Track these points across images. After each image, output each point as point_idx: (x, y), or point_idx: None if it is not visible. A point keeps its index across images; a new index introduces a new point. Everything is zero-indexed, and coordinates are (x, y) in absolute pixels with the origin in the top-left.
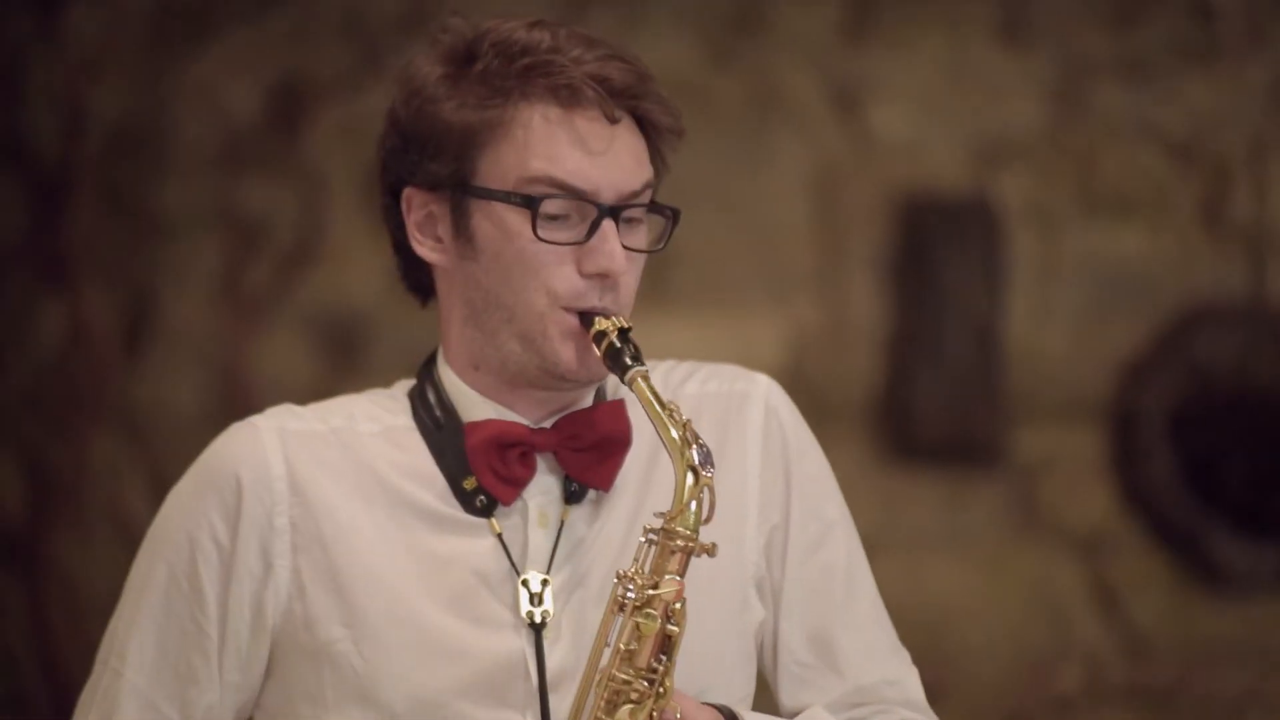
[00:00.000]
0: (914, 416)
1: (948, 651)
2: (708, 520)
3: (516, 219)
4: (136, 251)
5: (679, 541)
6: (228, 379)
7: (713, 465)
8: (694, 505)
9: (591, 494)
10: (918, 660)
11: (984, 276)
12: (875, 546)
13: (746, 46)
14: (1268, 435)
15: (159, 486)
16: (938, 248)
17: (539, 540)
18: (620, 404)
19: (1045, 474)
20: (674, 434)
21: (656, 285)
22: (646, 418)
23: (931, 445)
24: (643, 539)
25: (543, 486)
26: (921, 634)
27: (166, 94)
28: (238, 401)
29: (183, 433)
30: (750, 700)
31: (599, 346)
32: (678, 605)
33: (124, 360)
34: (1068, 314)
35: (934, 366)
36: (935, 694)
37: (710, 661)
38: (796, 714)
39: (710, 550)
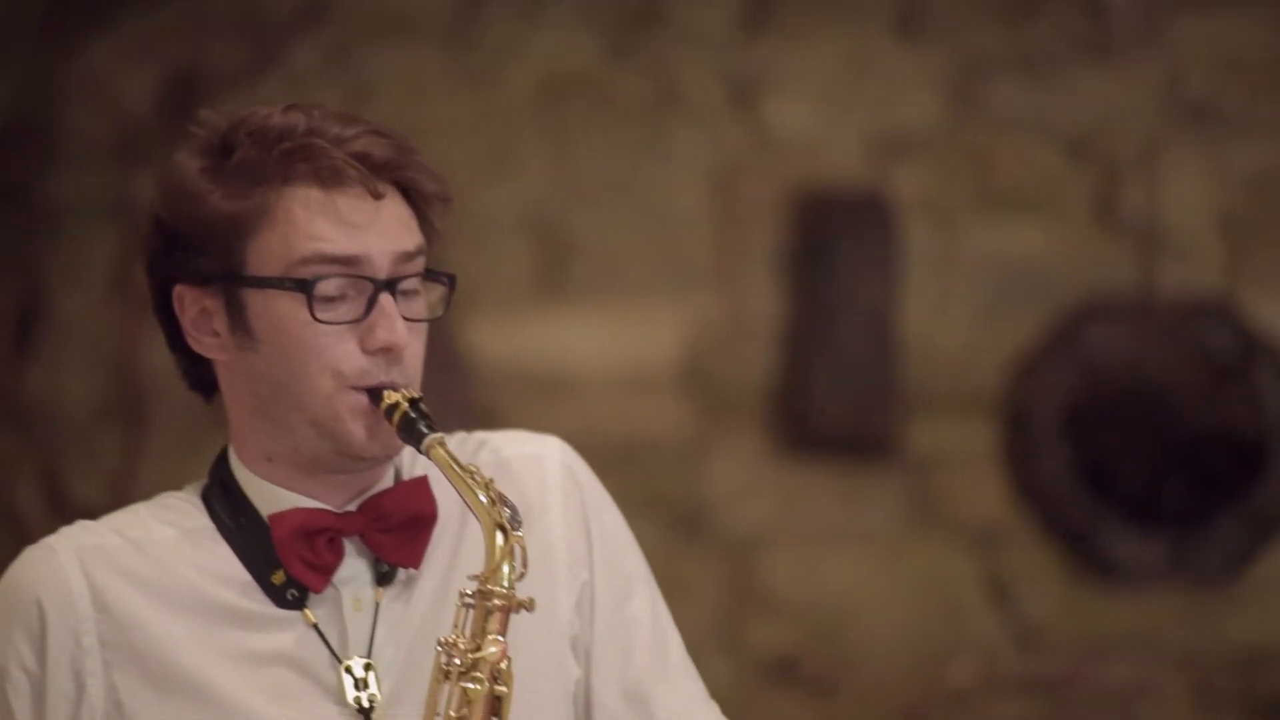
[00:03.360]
0: (810, 410)
1: (843, 645)
2: (521, 577)
3: (292, 304)
4: (27, 244)
5: (496, 600)
6: (119, 373)
7: (520, 521)
8: (506, 563)
9: (402, 574)
10: (815, 653)
11: (880, 271)
12: (772, 540)
13: (645, 41)
14: (1158, 429)
15: (49, 481)
16: (835, 242)
17: (357, 625)
18: (423, 480)
19: (940, 468)
20: (479, 495)
21: (555, 280)
22: (449, 488)
23: (828, 439)
24: (459, 604)
25: (352, 571)
26: (818, 627)
27: (58, 85)
28: (130, 396)
29: (74, 427)
30: None
31: (391, 420)
32: (503, 665)
33: (14, 354)
34: (963, 309)
35: (830, 361)
36: (830, 688)
37: None
38: None
39: (529, 605)
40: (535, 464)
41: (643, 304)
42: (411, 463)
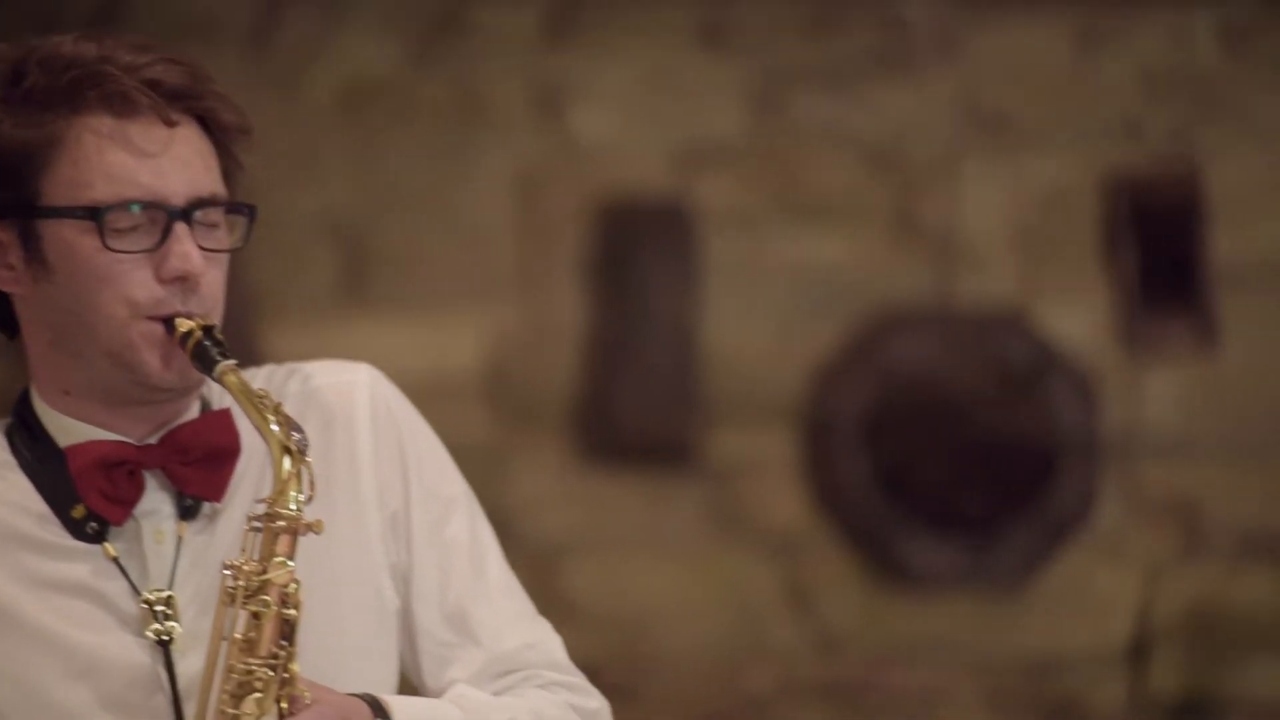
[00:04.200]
0: (613, 419)
1: (645, 653)
2: (310, 500)
3: (85, 234)
4: None
5: (282, 523)
6: None
7: (307, 444)
8: (293, 486)
9: (207, 507)
10: (615, 661)
11: (683, 280)
12: (574, 549)
13: (448, 49)
14: (955, 438)
15: None
16: (638, 251)
17: (158, 558)
18: (226, 413)
19: (741, 476)
20: (267, 419)
21: (358, 286)
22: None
23: (630, 447)
24: (247, 527)
25: (154, 504)
26: (619, 636)
27: None
28: None
29: None
30: (395, 690)
31: (185, 348)
32: (291, 588)
33: None
34: (765, 318)
35: (633, 369)
36: (632, 695)
37: (350, 656)
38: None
39: (317, 527)
40: (345, 392)
41: (445, 311)
42: (220, 397)
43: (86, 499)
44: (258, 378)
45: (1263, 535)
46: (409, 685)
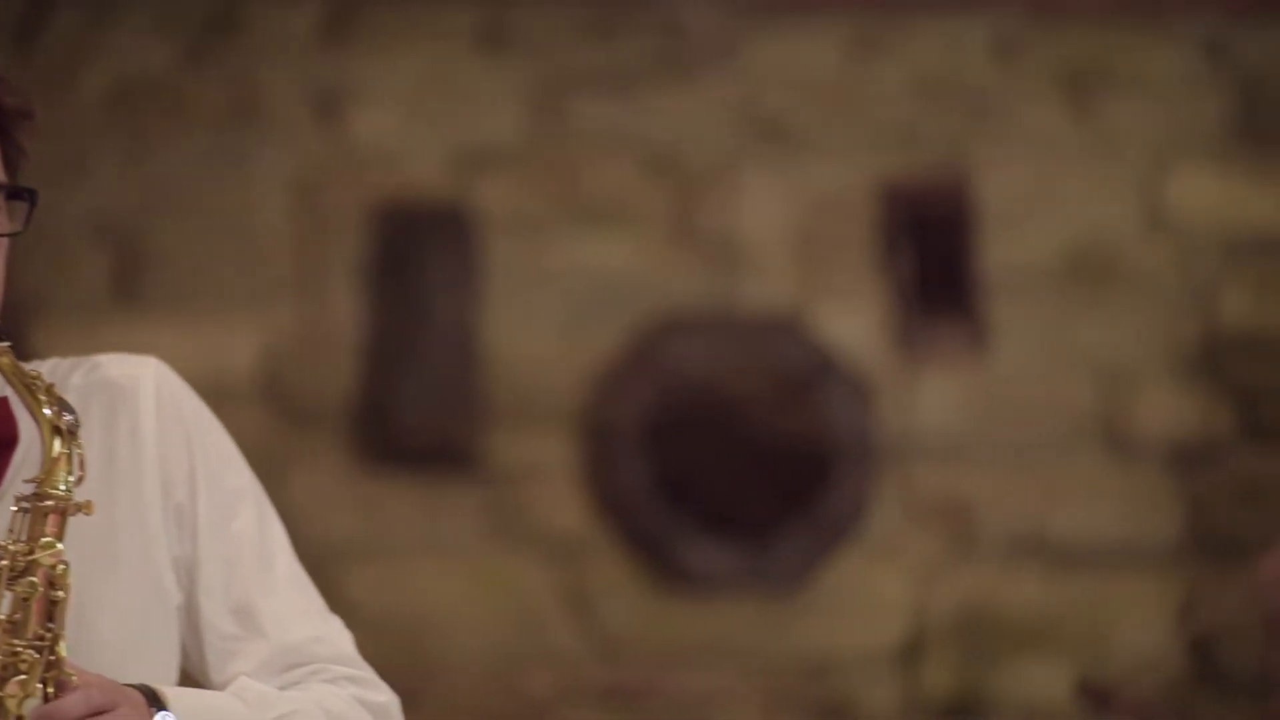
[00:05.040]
0: (393, 423)
1: (425, 658)
2: (80, 481)
3: None
4: None
5: (50, 503)
6: None
7: (78, 425)
8: (63, 467)
9: None
10: (397, 668)
11: (463, 283)
12: (354, 554)
13: (223, 48)
14: (734, 442)
15: None
16: (418, 254)
17: None
18: (3, 401)
19: (522, 481)
20: (39, 399)
21: (130, 288)
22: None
23: (410, 452)
24: (15, 508)
25: None
26: (399, 641)
27: None
28: None
29: None
30: (176, 684)
31: None
32: (59, 569)
33: None
34: (545, 322)
35: (413, 373)
36: (412, 700)
37: (130, 648)
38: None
39: (87, 508)
40: (131, 382)
41: (221, 314)
42: (1, 386)
43: None
44: (42, 368)
45: (1032, 537)
46: (192, 683)
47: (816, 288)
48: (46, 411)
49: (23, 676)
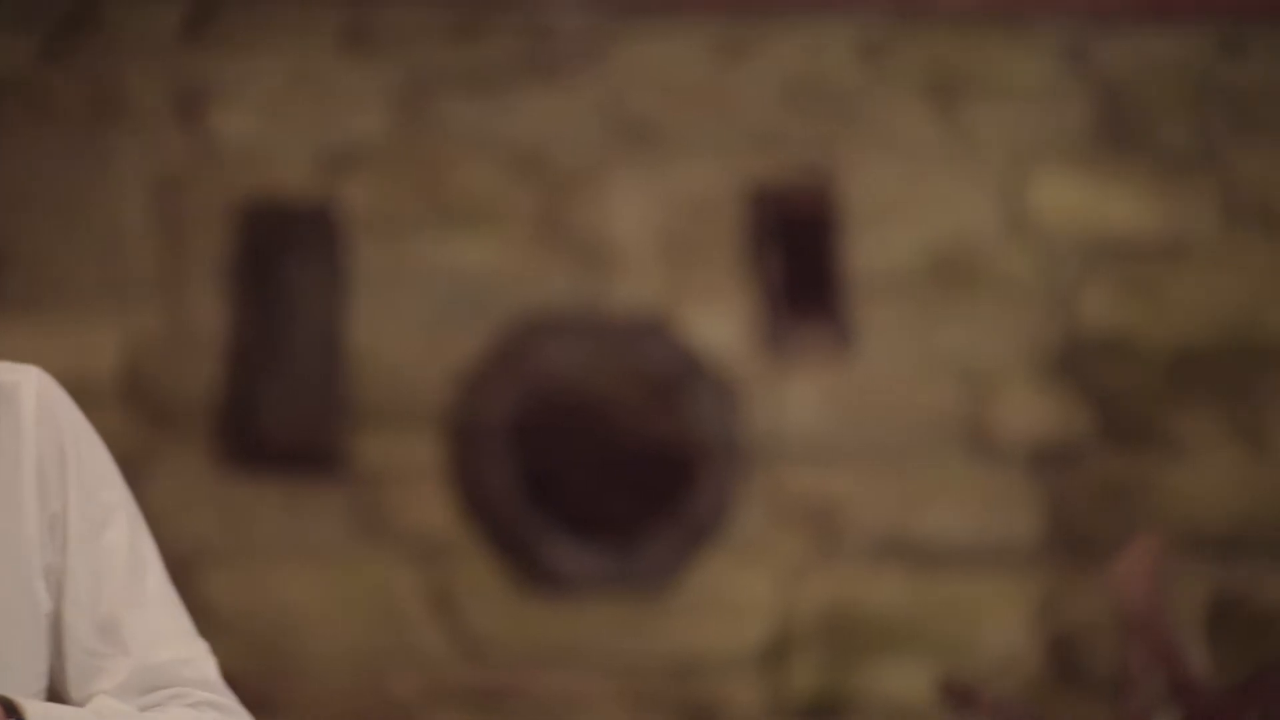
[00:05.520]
0: (256, 424)
1: (288, 660)
2: None
3: None
4: None
5: None
6: None
7: None
8: None
9: None
10: (255, 669)
11: (329, 284)
12: (216, 556)
13: (84, 45)
14: (601, 444)
15: None
16: (282, 255)
17: None
18: None
19: (388, 482)
20: None
21: None
22: None
23: (274, 453)
24: None
25: None
26: (262, 643)
27: None
28: None
29: None
30: (43, 697)
31: None
32: None
33: None
34: (411, 323)
35: (277, 374)
36: (276, 705)
37: None
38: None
39: None
40: (10, 391)
41: (81, 314)
42: None
43: None
44: None
45: (896, 538)
46: (54, 697)
47: (683, 289)
48: None
49: None
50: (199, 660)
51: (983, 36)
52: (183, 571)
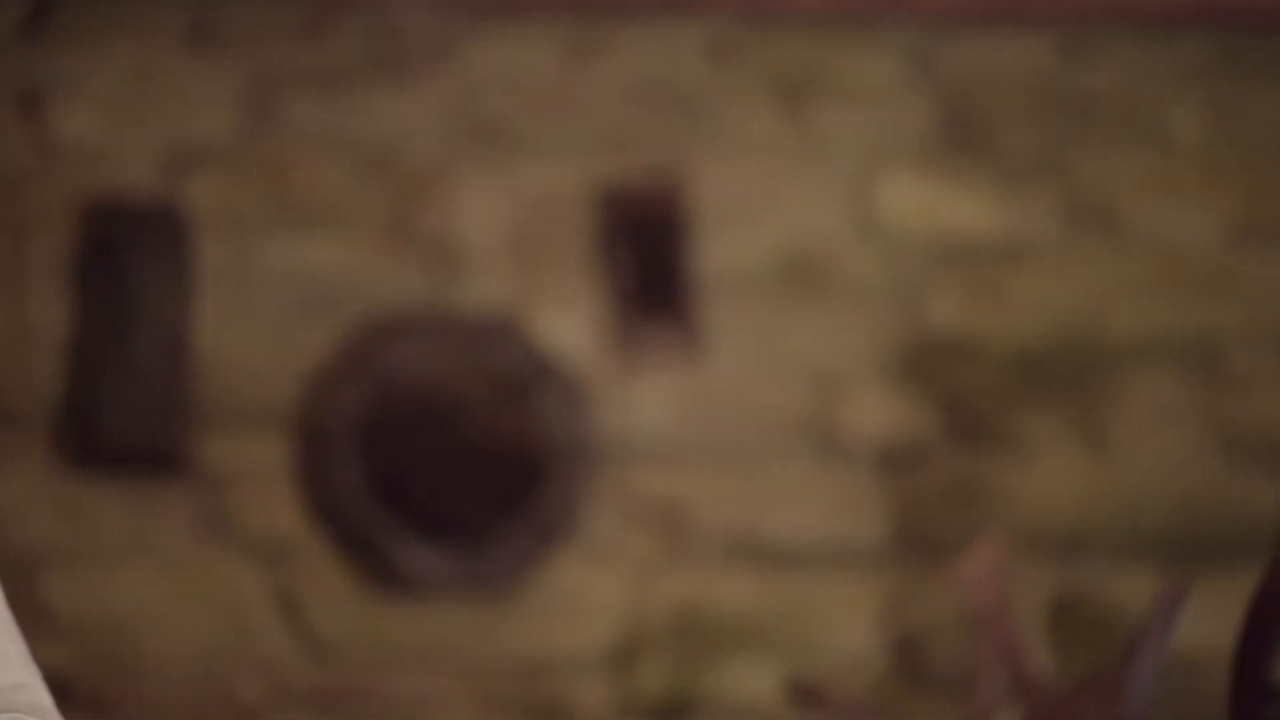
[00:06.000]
0: (98, 426)
1: (126, 663)
2: None
3: None
4: None
5: None
6: None
7: None
8: None
9: None
10: (93, 673)
11: (173, 284)
12: (55, 559)
13: None
14: (451, 445)
15: None
16: (125, 254)
17: None
18: None
19: (234, 484)
20: None
21: None
22: None
23: (116, 455)
24: None
25: None
26: (99, 647)
27: None
28: None
29: None
30: None
31: None
32: None
33: None
34: (258, 323)
35: (120, 375)
36: (115, 706)
37: None
38: None
39: None
40: None
41: None
42: None
43: None
44: None
45: (745, 538)
46: None
47: (533, 290)
48: None
49: None
50: (33, 687)
51: (831, 40)
52: (23, 575)
